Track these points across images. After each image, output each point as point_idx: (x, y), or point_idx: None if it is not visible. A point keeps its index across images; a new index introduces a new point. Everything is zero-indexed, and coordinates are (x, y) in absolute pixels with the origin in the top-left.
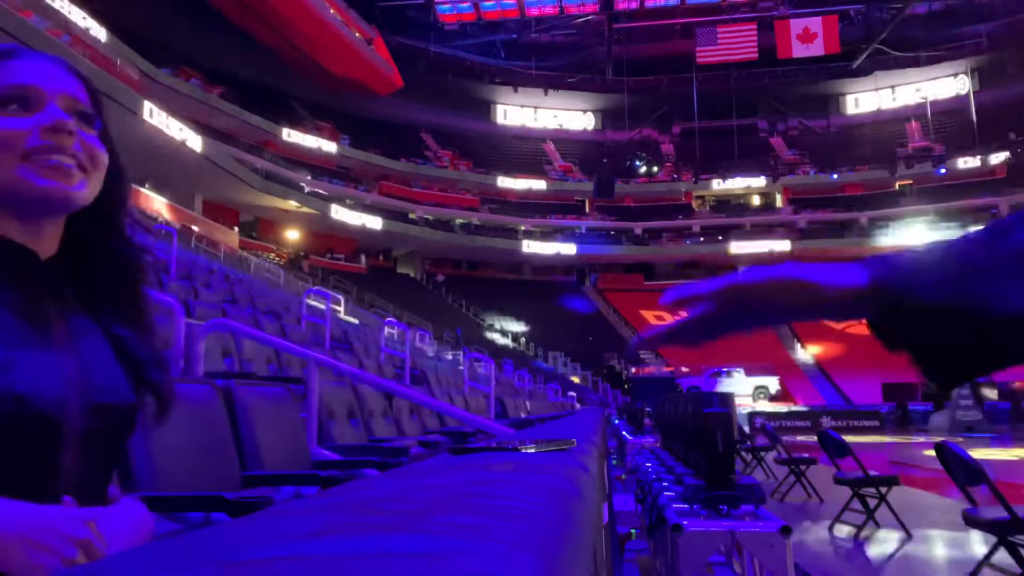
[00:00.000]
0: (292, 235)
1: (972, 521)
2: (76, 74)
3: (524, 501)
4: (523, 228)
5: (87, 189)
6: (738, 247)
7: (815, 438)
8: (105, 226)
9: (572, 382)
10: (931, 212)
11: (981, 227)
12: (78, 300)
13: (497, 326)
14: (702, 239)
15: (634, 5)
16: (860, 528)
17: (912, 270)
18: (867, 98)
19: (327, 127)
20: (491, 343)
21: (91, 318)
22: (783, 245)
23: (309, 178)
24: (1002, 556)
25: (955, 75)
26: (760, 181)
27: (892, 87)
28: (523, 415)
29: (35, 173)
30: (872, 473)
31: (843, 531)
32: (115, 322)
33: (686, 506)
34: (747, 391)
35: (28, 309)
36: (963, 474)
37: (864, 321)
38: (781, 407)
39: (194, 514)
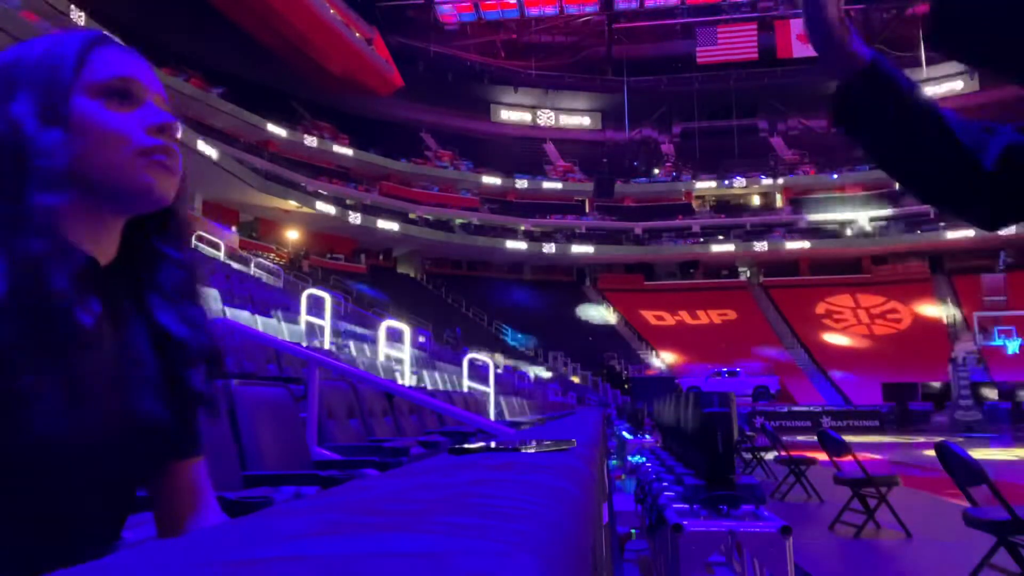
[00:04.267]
0: (292, 235)
1: (972, 521)
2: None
3: (524, 501)
4: (523, 228)
5: (176, 190)
6: (738, 247)
7: (815, 438)
8: (164, 229)
9: (572, 382)
10: (931, 212)
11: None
12: (134, 306)
13: (497, 326)
14: (702, 239)
15: (634, 5)
16: (860, 528)
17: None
18: None
19: (327, 127)
20: (500, 342)
21: (144, 325)
22: (783, 245)
23: (310, 178)
24: (1002, 556)
25: (955, 75)
26: (760, 181)
27: None
28: (523, 415)
29: (147, 170)
30: (872, 473)
31: (843, 531)
32: (170, 326)
33: (686, 506)
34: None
35: (78, 327)
36: (963, 474)
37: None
38: (781, 407)
39: None
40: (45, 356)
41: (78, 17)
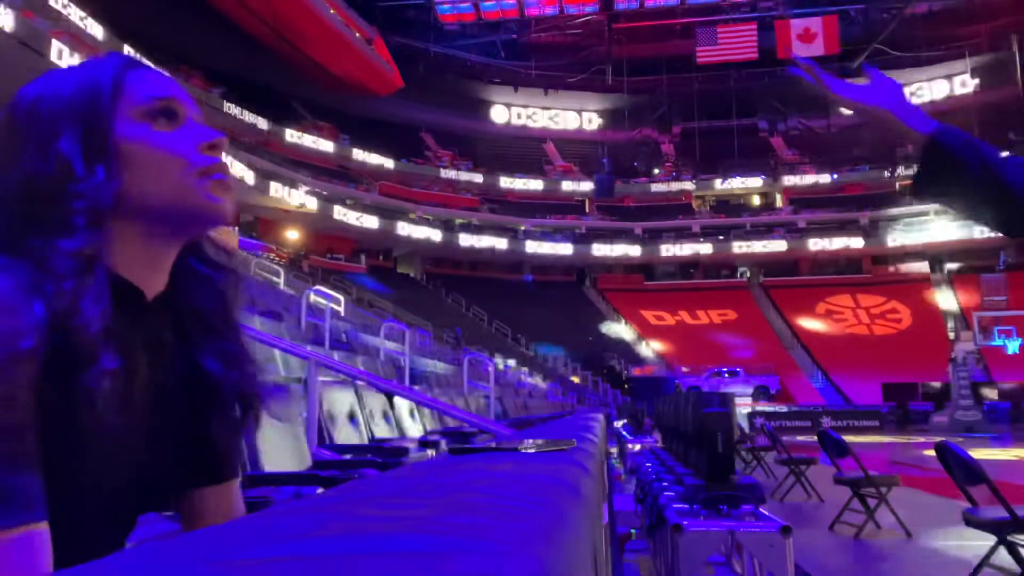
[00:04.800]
0: (292, 235)
1: (972, 521)
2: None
3: (524, 501)
4: (523, 228)
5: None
6: (738, 247)
7: (815, 438)
8: (202, 250)
9: (572, 382)
10: (931, 212)
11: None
12: (173, 337)
13: (495, 326)
14: (702, 239)
15: (634, 5)
16: (860, 528)
17: (958, 142)
18: None
19: (327, 127)
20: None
21: (180, 358)
22: (783, 245)
23: (309, 178)
24: (1002, 556)
25: (955, 75)
26: (760, 181)
27: None
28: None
29: (208, 190)
30: (872, 473)
31: (843, 531)
32: (206, 363)
33: (686, 506)
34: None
35: (104, 374)
36: (963, 474)
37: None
38: (781, 407)
39: None
40: (71, 402)
41: (77, 17)
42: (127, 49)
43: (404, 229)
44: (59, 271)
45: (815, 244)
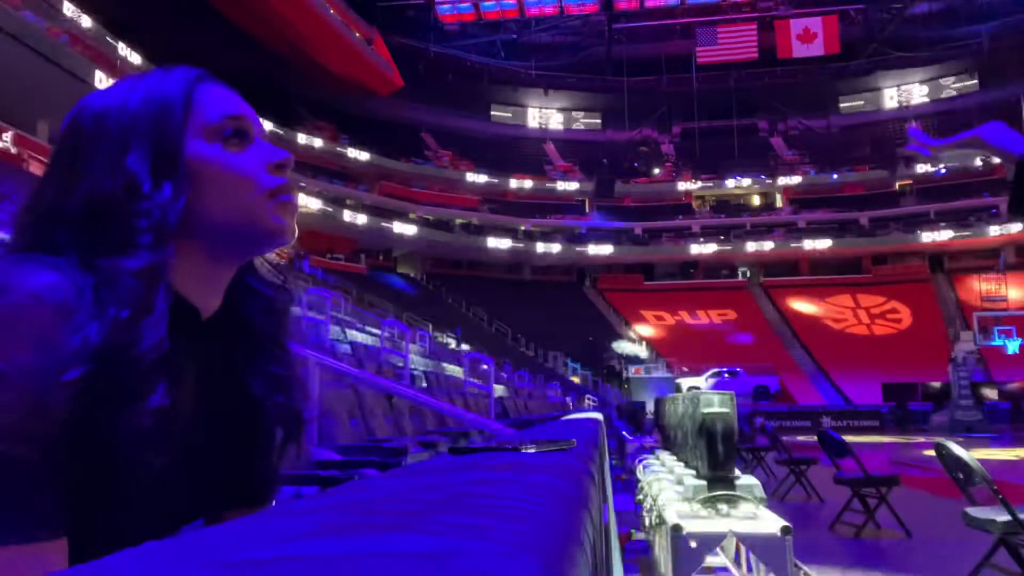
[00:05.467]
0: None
1: (972, 521)
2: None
3: (524, 501)
4: (523, 228)
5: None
6: (738, 247)
7: (815, 438)
8: (255, 267)
9: (572, 382)
10: (931, 212)
11: None
12: (224, 357)
13: (495, 326)
14: (702, 239)
15: (634, 5)
16: (860, 528)
17: None
18: (867, 98)
19: (327, 127)
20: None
21: (230, 378)
22: (783, 245)
23: (310, 178)
24: (1002, 556)
25: (955, 75)
26: (760, 181)
27: (892, 87)
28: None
29: (278, 211)
30: (872, 473)
31: (843, 531)
32: (253, 386)
33: (686, 506)
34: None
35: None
36: (963, 474)
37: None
38: (781, 407)
39: None
40: (110, 433)
41: (76, 16)
42: (125, 48)
43: (404, 229)
44: (121, 292)
45: (815, 244)
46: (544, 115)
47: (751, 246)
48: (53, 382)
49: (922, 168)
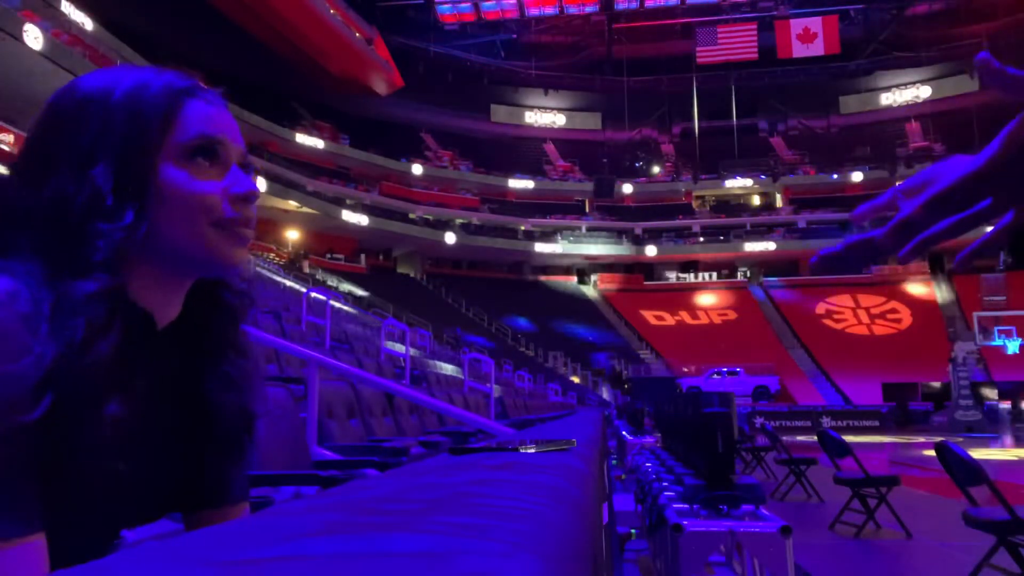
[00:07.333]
0: (292, 235)
1: (972, 521)
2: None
3: (524, 501)
4: (523, 228)
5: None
6: (738, 247)
7: (815, 438)
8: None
9: (572, 382)
10: None
11: None
12: (181, 361)
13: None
14: (702, 239)
15: (634, 5)
16: (860, 528)
17: None
18: (867, 98)
19: (327, 127)
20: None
21: (186, 381)
22: (783, 245)
23: (310, 178)
24: (1002, 556)
25: (955, 75)
26: (760, 181)
27: (892, 87)
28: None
29: (225, 243)
30: (872, 473)
31: (843, 531)
32: (211, 392)
33: (686, 506)
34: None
35: (116, 419)
36: (963, 474)
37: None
38: (781, 407)
39: None
40: (69, 440)
41: (77, 17)
42: (125, 49)
43: (404, 229)
44: (78, 313)
45: (815, 244)
46: (544, 115)
47: (751, 246)
48: (25, 384)
49: (922, 168)
